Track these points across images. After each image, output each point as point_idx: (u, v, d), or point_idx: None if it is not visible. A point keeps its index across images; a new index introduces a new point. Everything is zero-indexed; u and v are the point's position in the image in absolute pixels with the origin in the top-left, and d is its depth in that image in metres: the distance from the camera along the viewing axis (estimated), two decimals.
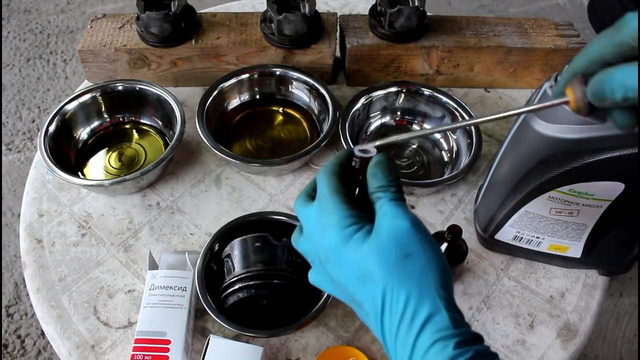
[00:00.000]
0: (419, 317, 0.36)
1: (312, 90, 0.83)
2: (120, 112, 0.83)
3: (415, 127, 0.83)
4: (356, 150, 0.43)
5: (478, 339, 0.36)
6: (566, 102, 0.39)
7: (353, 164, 0.43)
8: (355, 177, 0.43)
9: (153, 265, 0.65)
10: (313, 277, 0.45)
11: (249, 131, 0.83)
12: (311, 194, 0.44)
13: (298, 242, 0.45)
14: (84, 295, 0.67)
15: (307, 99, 0.85)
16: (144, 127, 0.83)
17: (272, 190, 0.77)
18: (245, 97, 0.86)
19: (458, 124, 0.44)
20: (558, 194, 0.57)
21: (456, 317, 0.36)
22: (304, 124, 0.84)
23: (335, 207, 0.40)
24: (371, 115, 0.84)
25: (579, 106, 0.39)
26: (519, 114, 0.48)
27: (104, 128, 0.83)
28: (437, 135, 0.82)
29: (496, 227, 0.65)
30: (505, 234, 0.66)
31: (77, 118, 0.80)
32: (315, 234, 0.41)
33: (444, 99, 0.81)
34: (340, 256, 0.39)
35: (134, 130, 0.83)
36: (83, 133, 0.81)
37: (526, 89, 0.90)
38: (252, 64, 0.85)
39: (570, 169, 0.53)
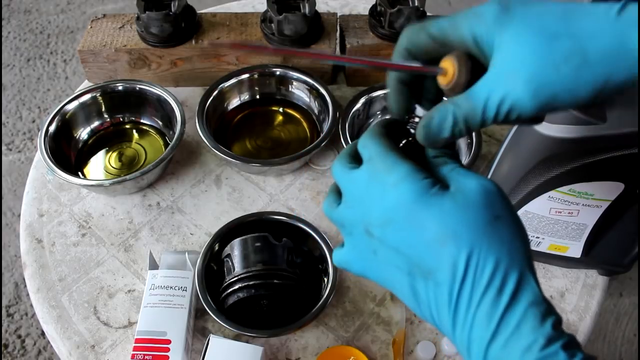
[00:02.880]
0: (509, 287, 0.32)
1: (312, 90, 0.83)
2: (120, 112, 0.83)
3: None
4: (419, 109, 0.38)
5: (561, 322, 0.33)
6: (438, 73, 0.35)
7: (408, 126, 0.39)
8: (406, 143, 0.38)
9: (153, 265, 0.65)
10: (343, 254, 0.39)
11: (249, 131, 0.83)
12: (353, 157, 0.39)
13: (334, 210, 0.39)
14: (84, 295, 0.67)
15: (307, 99, 0.85)
16: (144, 127, 0.84)
17: (272, 190, 0.77)
18: (245, 97, 0.86)
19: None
20: (558, 194, 0.57)
21: (542, 292, 0.33)
22: (304, 124, 0.84)
23: (398, 162, 0.35)
24: (371, 115, 0.84)
25: (457, 83, 0.34)
26: (385, 65, 0.39)
27: (104, 128, 0.83)
28: None
29: None
30: None
31: (77, 118, 0.80)
32: (368, 197, 0.36)
33: (444, 99, 0.81)
34: (413, 213, 0.34)
35: (134, 130, 0.83)
36: (83, 133, 0.81)
37: None
38: (252, 64, 0.85)
39: (570, 169, 0.53)
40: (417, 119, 0.38)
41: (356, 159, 0.39)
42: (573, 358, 0.30)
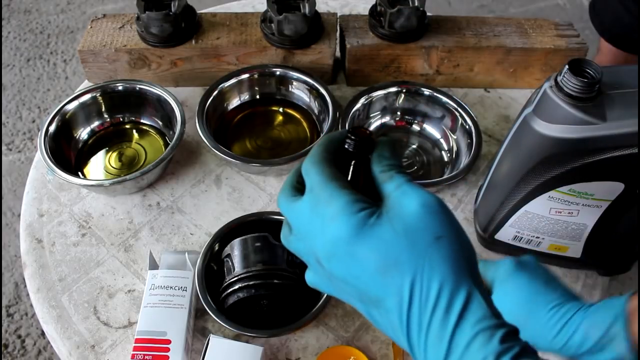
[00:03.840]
0: (456, 306, 0.32)
1: (312, 90, 0.83)
2: (120, 112, 0.83)
3: (415, 127, 0.83)
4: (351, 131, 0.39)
5: (516, 332, 0.33)
6: None
7: (347, 146, 0.39)
8: (347, 161, 0.39)
9: (153, 265, 0.65)
10: (310, 278, 0.39)
11: (249, 131, 0.83)
12: (297, 187, 0.39)
13: (288, 241, 0.39)
14: (84, 295, 0.67)
15: (307, 99, 0.85)
16: (144, 127, 0.83)
17: (272, 190, 0.77)
18: (245, 97, 0.86)
19: None
20: (558, 194, 0.57)
21: (493, 306, 0.33)
22: (304, 124, 0.84)
23: (335, 194, 0.35)
24: (371, 115, 0.84)
25: None
26: None
27: (104, 128, 0.83)
28: (437, 135, 0.82)
29: (496, 227, 0.65)
30: (505, 234, 0.66)
31: (77, 118, 0.80)
32: (311, 230, 0.36)
33: (444, 99, 0.81)
34: (352, 247, 0.34)
35: (134, 130, 0.83)
36: (83, 133, 0.81)
37: (526, 89, 0.90)
38: (252, 64, 0.85)
39: (570, 169, 0.53)
40: (353, 137, 0.38)
41: (300, 188, 0.39)
42: None
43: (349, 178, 0.39)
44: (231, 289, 0.61)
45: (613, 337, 0.45)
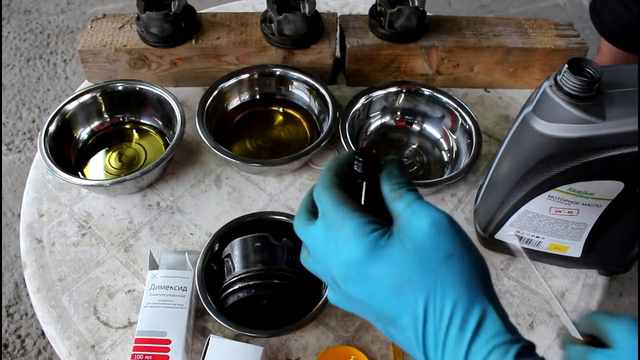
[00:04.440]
0: (470, 323, 0.32)
1: (312, 90, 0.83)
2: (120, 112, 0.83)
3: (415, 127, 0.83)
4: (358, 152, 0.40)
5: (533, 347, 0.33)
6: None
7: (355, 167, 0.40)
8: (357, 183, 0.40)
9: (153, 265, 0.65)
10: (331, 297, 0.41)
11: (249, 131, 0.83)
12: (311, 210, 0.40)
13: (307, 262, 0.41)
14: (84, 295, 0.67)
15: (307, 99, 0.85)
16: (144, 127, 0.83)
17: (272, 190, 0.77)
18: (245, 97, 0.86)
19: None
20: (558, 193, 0.57)
21: (508, 322, 0.34)
22: (304, 124, 0.84)
23: (347, 217, 0.36)
24: (371, 115, 0.84)
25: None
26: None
27: (104, 128, 0.83)
28: (437, 135, 0.82)
29: (496, 226, 0.65)
30: (505, 234, 0.66)
31: (77, 118, 0.80)
32: (326, 253, 0.37)
33: (444, 99, 0.81)
34: (365, 269, 0.35)
35: (134, 130, 0.83)
36: (83, 133, 0.81)
37: (526, 89, 0.90)
38: (252, 64, 0.85)
39: (570, 168, 0.53)
40: (361, 158, 0.39)
41: (314, 211, 0.40)
42: None
43: (361, 199, 0.40)
44: (231, 289, 0.61)
45: None
